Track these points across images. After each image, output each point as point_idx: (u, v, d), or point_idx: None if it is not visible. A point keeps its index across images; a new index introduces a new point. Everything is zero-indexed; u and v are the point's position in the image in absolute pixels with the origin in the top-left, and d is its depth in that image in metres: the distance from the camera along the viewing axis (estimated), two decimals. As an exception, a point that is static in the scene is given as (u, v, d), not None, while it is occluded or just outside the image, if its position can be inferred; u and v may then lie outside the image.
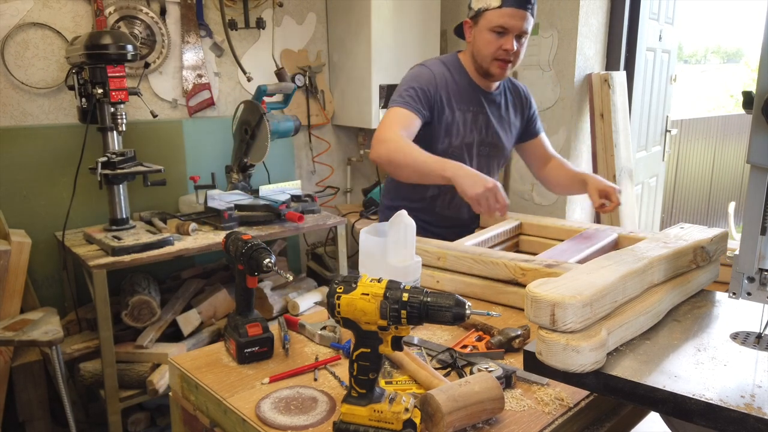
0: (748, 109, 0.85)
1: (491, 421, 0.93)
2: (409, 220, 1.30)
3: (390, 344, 0.88)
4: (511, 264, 1.40)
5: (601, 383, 0.86)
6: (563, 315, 0.84)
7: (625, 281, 0.96)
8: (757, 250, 0.89)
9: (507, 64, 1.77)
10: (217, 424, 1.07)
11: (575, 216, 3.31)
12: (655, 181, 3.99)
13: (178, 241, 2.35)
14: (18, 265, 2.22)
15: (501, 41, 1.73)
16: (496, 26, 1.72)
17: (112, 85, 2.24)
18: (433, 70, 1.82)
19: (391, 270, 1.27)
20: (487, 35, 1.74)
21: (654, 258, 1.05)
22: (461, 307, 0.83)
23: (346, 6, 3.25)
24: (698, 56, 22.80)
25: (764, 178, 0.86)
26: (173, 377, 1.19)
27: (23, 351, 2.32)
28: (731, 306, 1.10)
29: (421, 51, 3.33)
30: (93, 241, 2.34)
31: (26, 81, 2.48)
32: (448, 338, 1.25)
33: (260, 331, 1.17)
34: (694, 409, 0.78)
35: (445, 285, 1.49)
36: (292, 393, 1.03)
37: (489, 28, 1.73)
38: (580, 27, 3.04)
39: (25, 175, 2.48)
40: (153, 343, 2.37)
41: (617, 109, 3.10)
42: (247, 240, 1.18)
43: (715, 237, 1.18)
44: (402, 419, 0.87)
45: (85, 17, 2.59)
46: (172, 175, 2.69)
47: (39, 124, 2.54)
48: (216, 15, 2.95)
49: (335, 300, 0.88)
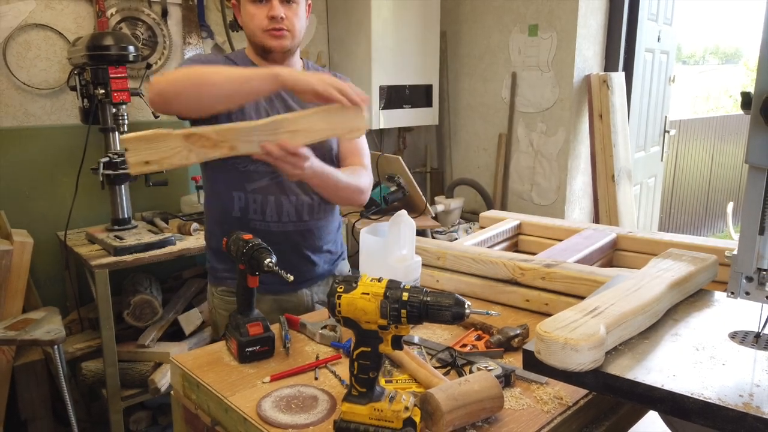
0: (747, 109, 0.85)
1: (491, 420, 0.94)
2: (409, 219, 1.30)
3: (390, 343, 0.89)
4: (510, 263, 1.40)
5: (599, 382, 0.86)
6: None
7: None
8: (756, 250, 0.90)
9: (282, 32, 1.51)
10: (218, 423, 1.07)
11: (574, 216, 3.32)
12: (654, 182, 4.00)
13: (179, 240, 2.36)
14: (20, 265, 2.23)
15: (265, 9, 1.50)
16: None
17: (114, 86, 2.25)
18: (209, 58, 1.62)
19: (391, 269, 1.28)
20: (248, 8, 1.51)
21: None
22: (461, 306, 0.84)
23: (346, 7, 3.26)
24: (697, 57, 22.81)
25: (763, 178, 0.87)
26: (175, 376, 1.20)
27: (25, 350, 2.33)
28: (730, 305, 1.10)
29: (421, 51, 3.34)
30: (95, 240, 2.35)
31: (28, 82, 2.49)
32: (448, 337, 1.26)
33: (261, 331, 1.17)
34: (692, 408, 0.78)
35: (444, 284, 1.50)
36: (293, 392, 1.04)
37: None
38: (579, 28, 3.04)
39: (27, 175, 2.49)
40: (154, 342, 2.37)
41: (616, 110, 3.11)
42: (248, 240, 1.19)
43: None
44: (402, 418, 0.88)
45: (86, 18, 2.59)
46: (173, 176, 2.69)
47: (41, 125, 2.54)
48: (217, 16, 2.95)
49: (336, 299, 0.88)
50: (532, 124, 3.30)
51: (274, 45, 1.52)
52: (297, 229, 1.57)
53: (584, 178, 3.33)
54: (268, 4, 1.49)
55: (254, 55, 1.59)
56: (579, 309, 0.95)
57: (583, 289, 1.29)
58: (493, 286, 1.43)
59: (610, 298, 1.00)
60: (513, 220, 1.86)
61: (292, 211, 1.56)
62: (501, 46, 3.36)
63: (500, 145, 3.45)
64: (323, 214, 1.62)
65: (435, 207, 3.10)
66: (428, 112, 3.48)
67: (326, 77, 1.28)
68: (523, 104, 3.32)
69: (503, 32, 3.34)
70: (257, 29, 1.51)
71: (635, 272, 1.17)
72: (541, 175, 3.31)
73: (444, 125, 3.71)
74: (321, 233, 1.63)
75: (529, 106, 3.30)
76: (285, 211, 1.55)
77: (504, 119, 3.41)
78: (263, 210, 1.54)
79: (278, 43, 1.52)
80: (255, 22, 1.51)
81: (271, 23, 1.49)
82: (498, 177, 3.48)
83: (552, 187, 3.27)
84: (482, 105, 3.52)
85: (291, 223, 1.57)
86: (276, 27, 1.50)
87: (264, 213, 1.55)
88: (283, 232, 1.56)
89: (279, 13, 1.49)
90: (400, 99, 3.30)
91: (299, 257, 1.60)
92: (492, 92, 3.46)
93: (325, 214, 1.63)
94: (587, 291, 1.26)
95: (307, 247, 1.61)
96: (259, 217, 1.55)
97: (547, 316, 0.99)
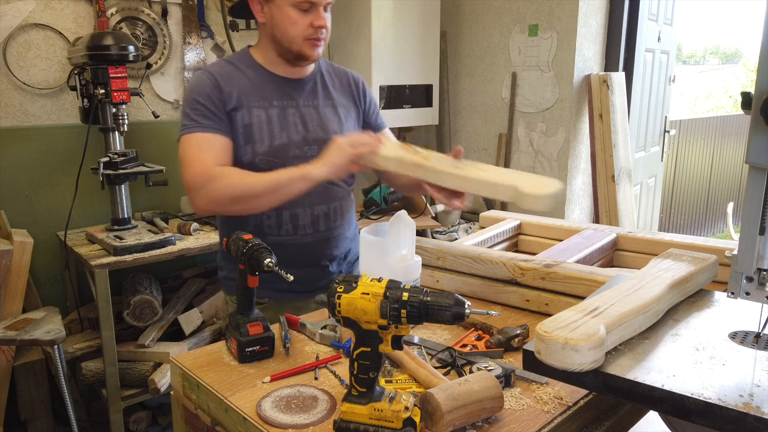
0: (747, 109, 0.85)
1: (491, 420, 0.94)
2: (409, 219, 1.30)
3: (390, 343, 0.88)
4: (510, 263, 1.40)
5: (599, 382, 0.86)
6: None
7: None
8: (756, 250, 0.90)
9: (321, 42, 1.48)
10: (218, 423, 1.07)
11: (574, 216, 3.32)
12: (654, 182, 4.00)
13: (179, 240, 2.36)
14: (20, 265, 2.23)
15: (310, 18, 1.44)
16: (301, 1, 1.42)
17: (114, 86, 2.25)
18: (212, 71, 1.50)
19: (391, 269, 1.28)
20: (291, 13, 1.43)
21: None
22: (461, 306, 0.84)
23: (346, 7, 3.26)
24: (697, 57, 22.82)
25: (763, 178, 0.87)
26: (175, 376, 1.20)
27: (25, 350, 2.33)
28: (730, 305, 1.10)
29: (421, 51, 3.34)
30: (95, 240, 2.35)
31: (28, 81, 2.49)
32: (448, 337, 1.26)
33: (261, 331, 1.17)
34: (692, 408, 0.78)
35: (444, 284, 1.50)
36: (293, 392, 1.04)
37: (292, 4, 1.43)
38: (579, 28, 3.04)
39: (27, 175, 2.49)
40: (154, 342, 2.37)
41: (616, 110, 3.11)
42: (248, 240, 1.19)
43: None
44: (402, 418, 0.88)
45: (86, 18, 2.59)
46: (173, 176, 2.68)
47: (41, 125, 2.55)
48: (217, 16, 2.95)
49: (336, 299, 0.88)
50: (532, 124, 3.30)
51: (312, 54, 1.49)
52: (314, 240, 1.55)
53: (584, 178, 3.33)
54: (314, 12, 1.44)
55: (269, 58, 1.53)
56: (579, 309, 0.95)
57: (583, 289, 1.29)
58: (493, 286, 1.43)
59: (610, 298, 1.00)
60: (513, 220, 1.86)
61: (308, 223, 1.53)
62: (501, 46, 3.36)
63: (500, 145, 3.45)
64: (339, 221, 1.59)
65: (435, 207, 3.10)
66: (428, 112, 3.48)
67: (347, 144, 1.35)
68: (523, 104, 3.32)
69: (503, 32, 3.34)
70: (297, 36, 1.45)
71: (635, 272, 1.17)
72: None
73: (444, 125, 3.71)
74: (338, 242, 1.60)
75: (529, 106, 3.30)
76: (301, 224, 1.53)
77: (504, 119, 3.41)
78: (279, 224, 1.52)
79: (316, 53, 1.49)
80: (297, 29, 1.45)
81: (314, 32, 1.46)
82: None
83: (552, 187, 3.27)
84: (482, 105, 3.52)
85: (308, 235, 1.54)
86: (318, 36, 1.47)
87: (280, 227, 1.52)
88: (300, 245, 1.54)
89: (326, 23, 1.46)
90: (400, 99, 3.30)
91: (317, 267, 1.58)
92: (492, 92, 3.46)
93: (342, 221, 1.60)
94: (587, 291, 1.26)
95: (324, 257, 1.58)
96: (275, 231, 1.53)
97: (547, 316, 0.99)
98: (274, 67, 1.54)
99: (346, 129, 1.60)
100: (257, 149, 1.47)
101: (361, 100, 1.68)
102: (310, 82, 1.58)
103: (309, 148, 1.52)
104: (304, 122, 1.53)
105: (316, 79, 1.60)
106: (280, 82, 1.54)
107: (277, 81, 1.54)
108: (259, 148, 1.48)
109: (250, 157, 1.47)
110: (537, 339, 0.88)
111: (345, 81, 1.66)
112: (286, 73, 1.55)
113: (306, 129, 1.53)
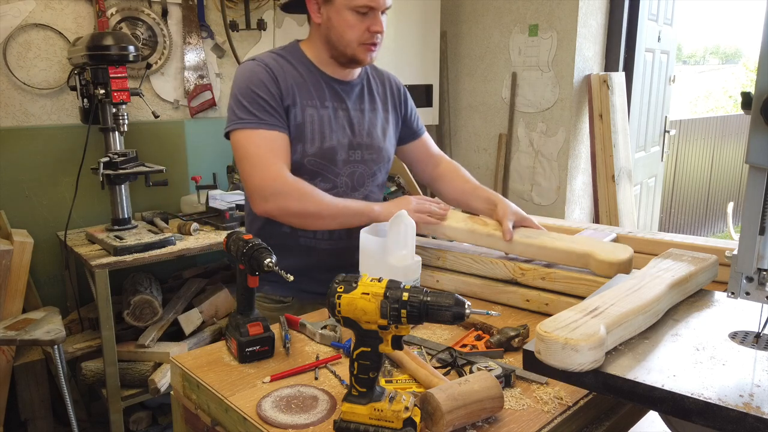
0: (747, 109, 0.85)
1: (491, 420, 0.94)
2: (409, 220, 1.30)
3: (390, 343, 0.88)
4: (510, 264, 1.41)
5: (599, 382, 0.86)
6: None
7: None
8: (756, 250, 0.90)
9: (375, 47, 1.48)
10: (218, 423, 1.07)
11: (574, 216, 3.32)
12: (654, 182, 4.00)
13: (179, 240, 2.36)
14: (20, 265, 2.23)
15: (367, 22, 1.43)
16: (360, 6, 1.40)
17: (114, 86, 2.25)
18: (268, 63, 1.47)
19: (391, 270, 1.28)
20: (348, 16, 1.42)
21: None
22: (461, 306, 0.84)
23: (346, 7, 3.26)
24: (697, 57, 22.83)
25: (763, 178, 0.87)
26: (175, 376, 1.20)
27: (25, 350, 2.33)
28: (730, 305, 1.10)
29: (421, 51, 3.34)
30: (95, 240, 2.35)
31: (28, 81, 2.49)
32: (448, 337, 1.26)
33: (261, 331, 1.17)
34: (692, 408, 0.78)
35: (444, 284, 1.50)
36: (293, 392, 1.04)
37: (350, 7, 1.41)
38: (579, 28, 3.05)
39: (27, 175, 2.49)
40: (154, 342, 2.37)
41: (616, 110, 3.11)
42: (249, 240, 1.19)
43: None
44: (402, 418, 0.88)
45: (86, 18, 2.59)
46: (173, 176, 2.70)
47: (41, 125, 2.55)
48: (217, 16, 2.95)
49: (336, 299, 0.88)
50: (532, 124, 3.30)
51: (366, 59, 1.48)
52: (347, 246, 1.53)
53: (584, 178, 3.33)
54: (372, 17, 1.43)
55: (321, 57, 1.51)
56: (579, 309, 0.95)
57: (583, 289, 1.29)
58: (493, 286, 1.43)
59: (610, 298, 1.00)
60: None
61: (343, 230, 1.51)
62: (501, 46, 3.36)
63: (500, 145, 3.45)
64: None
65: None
66: (428, 112, 3.48)
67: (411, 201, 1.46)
68: (523, 104, 3.32)
69: (503, 32, 3.34)
70: (353, 40, 1.44)
71: (635, 272, 1.17)
72: (542, 175, 3.31)
73: (444, 125, 3.71)
74: None
75: (529, 106, 3.30)
76: (336, 230, 1.51)
77: (504, 119, 3.42)
78: (314, 229, 1.51)
79: (369, 57, 1.48)
80: (354, 33, 1.43)
81: (371, 37, 1.45)
82: (498, 177, 3.48)
83: (552, 187, 3.27)
84: (482, 105, 3.53)
85: (342, 240, 1.54)
86: (374, 41, 1.46)
87: (315, 232, 1.52)
88: (334, 249, 1.54)
89: (383, 28, 1.45)
90: (401, 99, 3.30)
91: (348, 272, 1.58)
92: (492, 92, 3.46)
93: None
94: (587, 291, 1.26)
95: (356, 262, 1.57)
96: (310, 235, 1.52)
97: (547, 316, 0.99)
98: (326, 67, 1.52)
99: (389, 136, 1.62)
100: (307, 149, 1.47)
101: (402, 107, 1.68)
102: (359, 85, 1.58)
103: (354, 153, 1.53)
104: (351, 126, 1.53)
105: (363, 83, 1.60)
106: (332, 83, 1.53)
107: (328, 81, 1.52)
108: (309, 148, 1.47)
109: (299, 157, 1.47)
110: (537, 339, 0.88)
111: (387, 86, 1.66)
112: (337, 75, 1.54)
113: (353, 133, 1.53)
